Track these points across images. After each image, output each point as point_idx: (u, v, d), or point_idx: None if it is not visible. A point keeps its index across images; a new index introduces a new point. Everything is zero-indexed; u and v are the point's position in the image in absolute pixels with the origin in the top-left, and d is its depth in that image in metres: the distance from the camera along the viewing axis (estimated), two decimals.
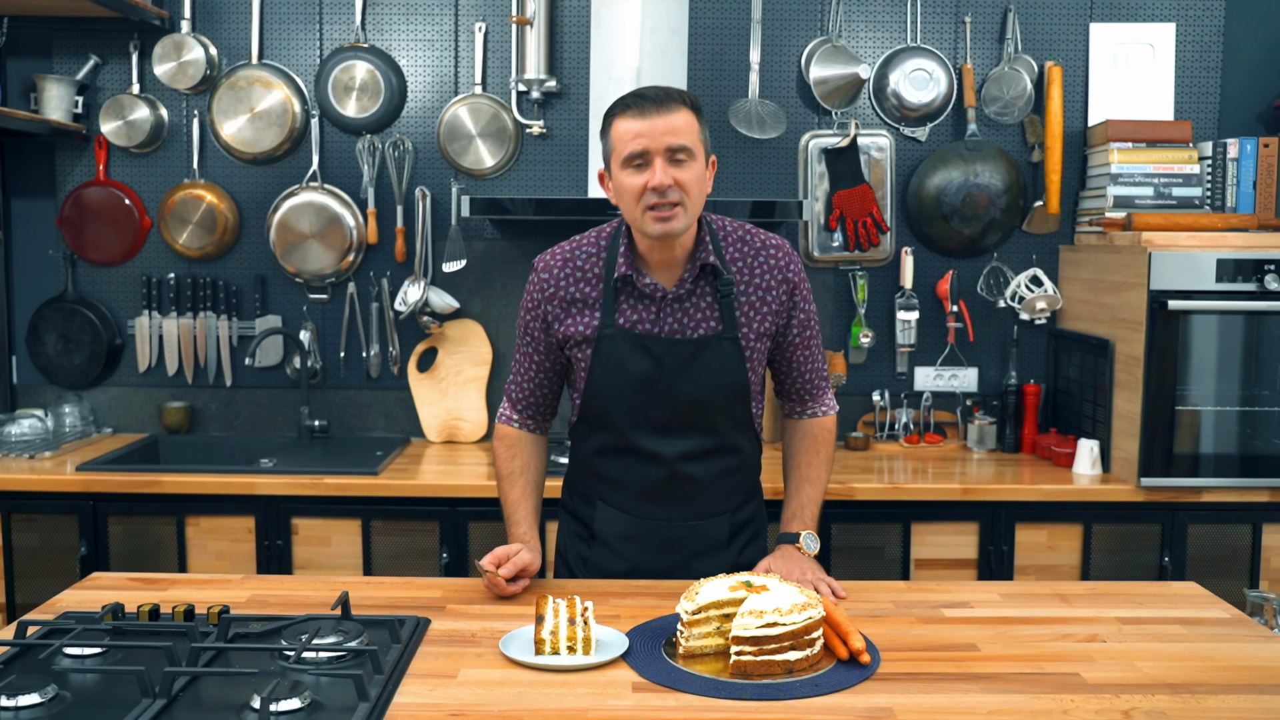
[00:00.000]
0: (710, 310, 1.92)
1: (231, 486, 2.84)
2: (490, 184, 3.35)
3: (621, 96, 1.87)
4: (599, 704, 1.46)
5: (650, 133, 1.79)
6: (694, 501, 1.99)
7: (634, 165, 1.81)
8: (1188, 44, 3.34)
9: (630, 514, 2.00)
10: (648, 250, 1.91)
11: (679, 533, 2.00)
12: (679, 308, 1.92)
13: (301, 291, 3.39)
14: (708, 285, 1.93)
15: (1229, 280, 2.81)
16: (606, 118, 1.88)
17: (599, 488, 2.03)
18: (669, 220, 1.81)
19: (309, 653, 1.55)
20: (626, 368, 1.91)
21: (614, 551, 2.03)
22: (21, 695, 1.40)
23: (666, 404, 1.92)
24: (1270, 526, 2.88)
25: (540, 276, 1.97)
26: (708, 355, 1.91)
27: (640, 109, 1.81)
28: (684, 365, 1.91)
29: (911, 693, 1.51)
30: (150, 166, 3.35)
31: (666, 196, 1.80)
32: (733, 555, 2.04)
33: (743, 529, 2.07)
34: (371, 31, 3.33)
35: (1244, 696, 1.51)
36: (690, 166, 1.82)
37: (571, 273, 1.95)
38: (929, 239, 3.37)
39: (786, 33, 3.34)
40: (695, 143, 1.83)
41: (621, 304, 1.92)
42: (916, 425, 3.37)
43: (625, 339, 1.91)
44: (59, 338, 3.35)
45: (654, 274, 1.93)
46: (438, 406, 3.37)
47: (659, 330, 1.91)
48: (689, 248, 1.92)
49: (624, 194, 1.85)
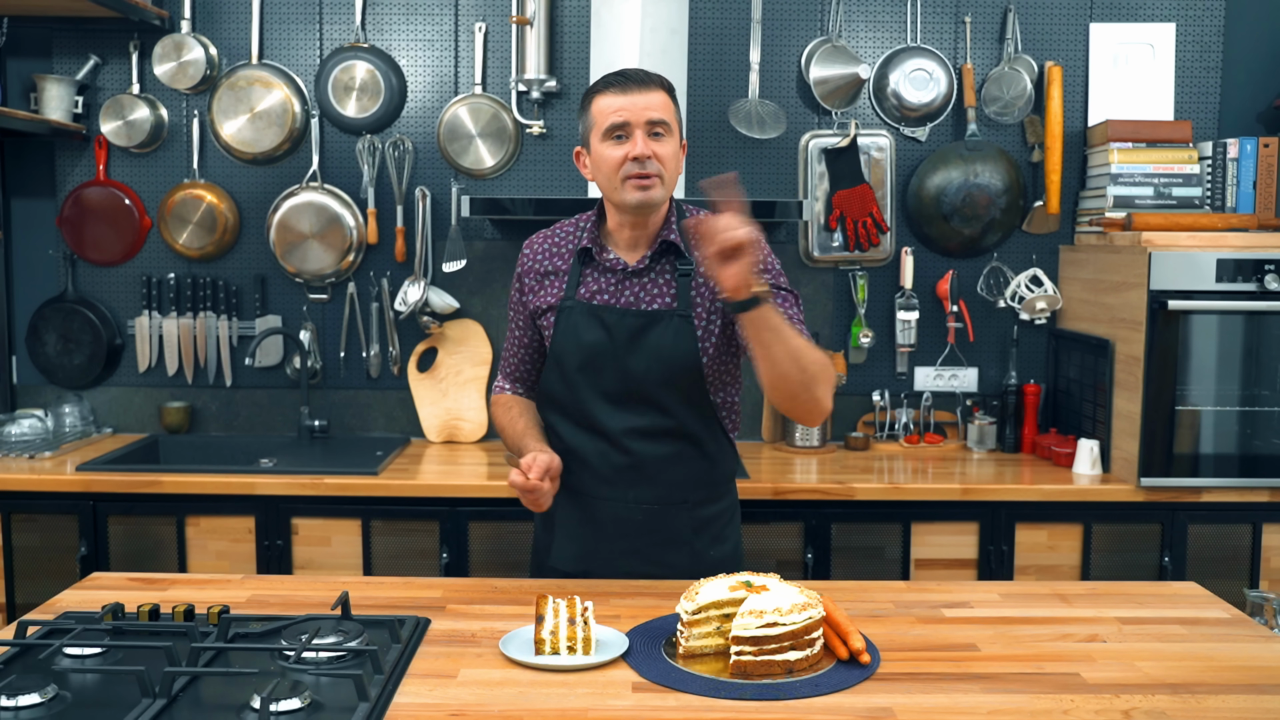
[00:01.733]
0: (667, 287, 1.98)
1: (231, 486, 2.84)
2: (490, 184, 3.35)
3: (602, 76, 1.95)
4: (599, 704, 1.46)
5: (631, 107, 1.88)
6: (647, 485, 1.99)
7: (614, 137, 1.89)
8: (1188, 44, 3.34)
9: (587, 494, 2.01)
10: (617, 227, 1.98)
11: (634, 516, 2.00)
12: (637, 282, 1.98)
13: (301, 291, 3.39)
14: (668, 264, 1.99)
15: (1229, 280, 2.81)
16: (586, 96, 1.95)
17: (563, 473, 2.02)
18: (648, 189, 1.88)
19: (309, 653, 1.55)
20: (581, 337, 1.96)
21: (572, 538, 2.04)
22: (21, 695, 1.40)
23: (615, 375, 1.96)
24: (1270, 526, 2.88)
25: (524, 251, 2.08)
26: (659, 329, 1.95)
27: (622, 86, 1.90)
28: (632, 337, 1.95)
29: (911, 693, 1.51)
30: (150, 166, 3.36)
31: (646, 167, 1.87)
32: (698, 552, 2.04)
33: (706, 526, 2.05)
34: (371, 31, 3.33)
35: (1244, 696, 1.51)
36: (667, 141, 1.90)
37: (549, 248, 2.05)
38: (929, 239, 3.38)
39: (786, 33, 3.34)
40: (672, 120, 1.91)
41: (585, 277, 2.00)
42: (916, 425, 3.37)
43: (582, 310, 1.97)
44: (59, 338, 3.35)
45: (620, 251, 2.00)
46: (438, 406, 3.37)
47: (615, 302, 1.97)
48: (657, 226, 1.98)
49: (603, 165, 1.91)
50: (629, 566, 2.00)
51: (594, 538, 2.03)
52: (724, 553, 2.08)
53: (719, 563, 2.05)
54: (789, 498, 2.83)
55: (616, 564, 2.01)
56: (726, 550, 2.09)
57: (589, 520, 2.03)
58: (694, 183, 3.24)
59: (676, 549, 2.02)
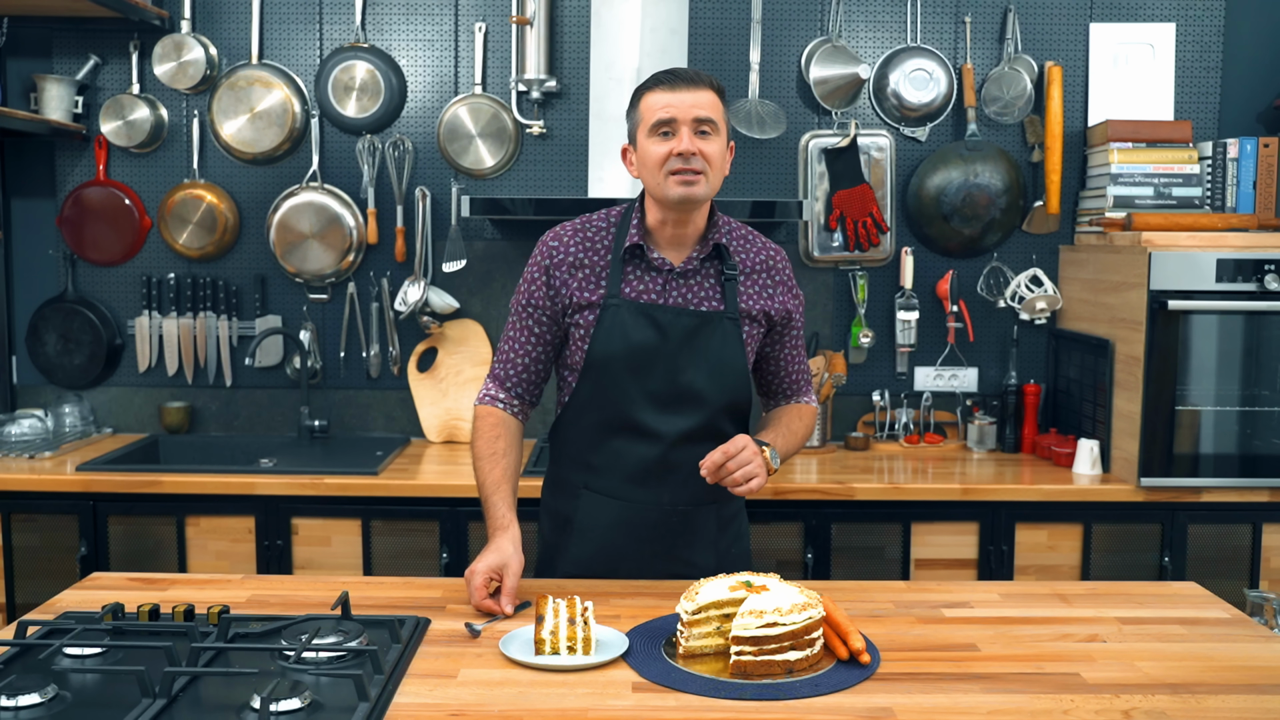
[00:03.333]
0: (713, 290, 1.97)
1: (231, 486, 2.84)
2: (490, 184, 3.35)
3: (653, 74, 1.94)
4: (599, 704, 1.46)
5: (679, 104, 1.86)
6: (683, 487, 1.97)
7: (660, 134, 1.88)
8: (1188, 44, 3.34)
9: (617, 499, 1.99)
10: (659, 225, 1.95)
11: (667, 519, 1.99)
12: (684, 283, 1.96)
13: (301, 291, 3.39)
14: (713, 266, 1.98)
15: (1229, 280, 2.81)
16: (636, 93, 1.94)
17: (585, 476, 2.01)
18: (692, 185, 1.87)
19: (309, 653, 1.55)
20: (630, 336, 1.92)
21: (594, 540, 2.01)
22: (21, 695, 1.40)
23: (667, 377, 1.93)
24: (1270, 526, 2.88)
25: (549, 244, 1.99)
26: (709, 331, 1.94)
27: (671, 84, 1.89)
28: (688, 337, 1.93)
29: (911, 693, 1.51)
30: (150, 166, 3.35)
31: (690, 163, 1.86)
32: (722, 550, 2.04)
33: (730, 523, 2.06)
34: (371, 31, 3.33)
35: (1244, 696, 1.51)
36: (714, 140, 1.89)
37: (581, 241, 1.99)
38: (929, 239, 3.38)
39: (786, 33, 3.34)
40: (720, 120, 1.90)
41: (629, 274, 1.96)
42: (916, 425, 3.37)
43: (630, 308, 1.93)
44: (59, 338, 3.35)
45: (662, 250, 1.97)
46: (438, 406, 3.37)
47: (664, 302, 1.95)
48: (701, 227, 1.97)
49: (648, 160, 1.89)
50: (659, 567, 1.99)
51: (623, 540, 2.00)
52: (742, 549, 2.10)
53: (739, 559, 2.06)
54: (789, 498, 2.83)
55: (645, 565, 1.99)
56: (744, 547, 2.11)
57: (617, 523, 2.00)
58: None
59: (704, 548, 2.03)
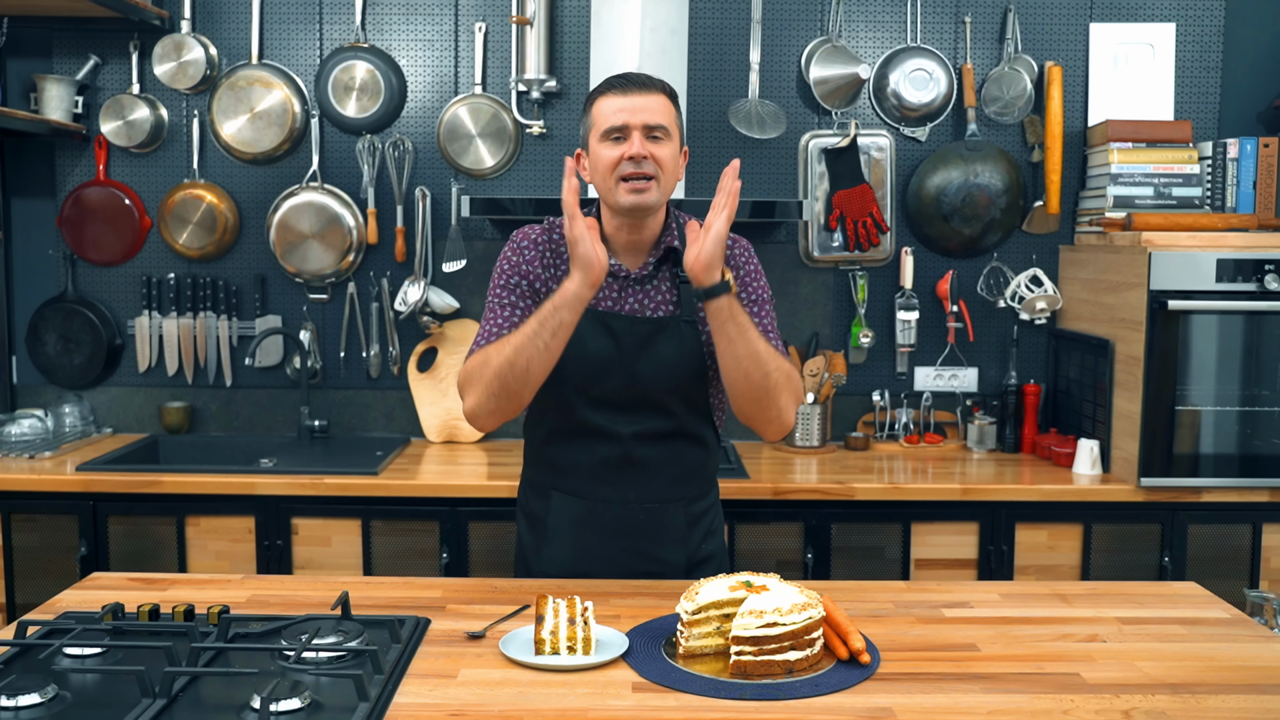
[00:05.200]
0: (669, 294, 1.97)
1: (231, 486, 2.84)
2: (490, 184, 3.35)
3: (605, 79, 1.95)
4: (599, 704, 1.46)
5: (631, 109, 1.87)
6: (648, 484, 1.99)
7: (612, 139, 1.88)
8: (1188, 44, 3.34)
9: (584, 498, 2.00)
10: (614, 231, 1.96)
11: (634, 516, 2.00)
12: (640, 289, 1.97)
13: (301, 291, 3.39)
14: (668, 270, 1.98)
15: (1229, 280, 2.81)
16: (589, 98, 1.95)
17: (552, 477, 2.03)
18: (642, 192, 1.87)
19: (309, 653, 1.55)
20: (586, 344, 1.93)
21: (565, 540, 2.02)
22: (21, 695, 1.40)
23: (622, 382, 1.94)
24: (1270, 526, 2.88)
25: (519, 244, 1.99)
26: (665, 336, 1.95)
27: (624, 88, 1.89)
28: (642, 344, 1.94)
29: (911, 693, 1.51)
30: (150, 166, 3.35)
31: (641, 168, 1.86)
32: (692, 546, 2.04)
33: (699, 520, 2.06)
34: (371, 31, 3.33)
35: (1244, 696, 1.51)
36: (666, 145, 1.89)
37: (539, 255, 1.98)
38: (929, 239, 3.37)
39: (786, 33, 3.34)
40: (672, 125, 1.91)
41: None
42: (916, 425, 3.37)
43: (586, 316, 1.91)
44: (59, 338, 3.35)
45: (618, 256, 1.98)
46: (438, 406, 3.37)
47: (619, 309, 1.95)
48: (656, 232, 1.97)
49: (599, 165, 1.90)
50: (629, 564, 2.00)
51: (593, 538, 2.02)
52: (715, 545, 2.10)
53: (711, 556, 2.07)
54: (789, 498, 2.83)
55: (615, 563, 2.00)
56: (716, 543, 2.11)
57: (586, 522, 2.01)
58: (694, 184, 3.25)
59: (674, 545, 2.03)
